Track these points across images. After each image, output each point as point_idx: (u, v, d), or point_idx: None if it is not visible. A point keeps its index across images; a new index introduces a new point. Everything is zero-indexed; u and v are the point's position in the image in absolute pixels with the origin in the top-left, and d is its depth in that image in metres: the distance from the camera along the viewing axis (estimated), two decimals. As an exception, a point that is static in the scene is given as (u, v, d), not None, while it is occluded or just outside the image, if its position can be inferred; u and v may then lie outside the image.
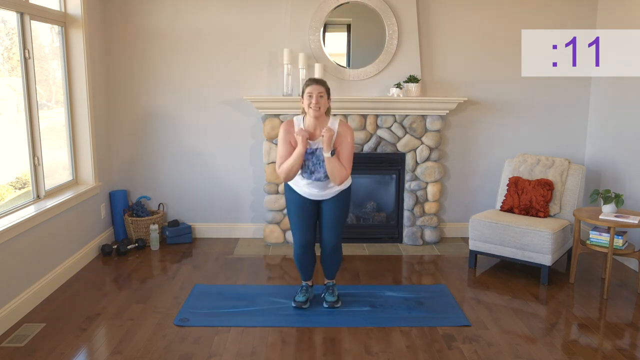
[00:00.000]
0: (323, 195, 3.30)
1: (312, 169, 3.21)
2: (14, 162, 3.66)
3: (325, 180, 3.23)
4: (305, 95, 3.18)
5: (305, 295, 3.49)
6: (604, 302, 3.60)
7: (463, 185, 4.95)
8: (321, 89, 3.17)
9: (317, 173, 3.21)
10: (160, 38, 4.62)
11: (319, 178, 3.22)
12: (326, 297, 3.49)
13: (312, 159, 3.21)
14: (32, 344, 2.95)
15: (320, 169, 3.20)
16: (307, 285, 3.55)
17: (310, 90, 3.16)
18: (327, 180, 3.23)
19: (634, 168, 4.22)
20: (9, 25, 3.51)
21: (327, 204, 3.34)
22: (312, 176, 3.23)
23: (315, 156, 3.21)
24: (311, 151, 3.21)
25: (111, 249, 4.43)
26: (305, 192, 3.31)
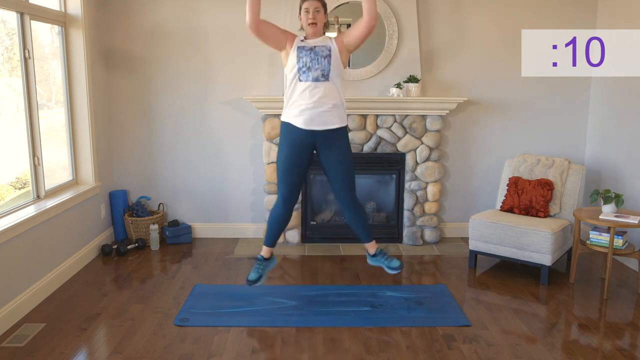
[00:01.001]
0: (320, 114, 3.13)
1: (309, 65, 3.11)
2: (14, 162, 3.66)
3: (322, 80, 3.11)
4: (302, 11, 3.16)
5: (259, 271, 3.39)
6: (604, 302, 3.60)
7: (463, 185, 4.95)
8: (317, 3, 3.14)
9: (314, 70, 3.11)
10: (160, 38, 4.62)
11: (316, 77, 3.11)
12: (389, 264, 3.37)
13: (310, 54, 3.13)
14: (32, 344, 2.95)
15: (318, 66, 3.11)
16: (263, 258, 3.44)
17: (307, 6, 3.13)
18: (325, 81, 3.12)
19: (634, 168, 4.22)
20: (9, 25, 3.51)
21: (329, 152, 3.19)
22: (310, 74, 3.11)
23: (314, 52, 3.13)
24: (310, 47, 3.15)
25: (111, 249, 4.43)
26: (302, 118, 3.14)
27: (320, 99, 3.12)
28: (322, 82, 3.12)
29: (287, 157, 3.24)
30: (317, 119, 3.15)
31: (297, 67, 3.15)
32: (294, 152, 3.22)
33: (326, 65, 3.12)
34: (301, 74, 3.14)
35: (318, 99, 3.12)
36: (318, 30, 3.17)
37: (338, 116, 3.20)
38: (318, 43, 3.17)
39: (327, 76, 3.13)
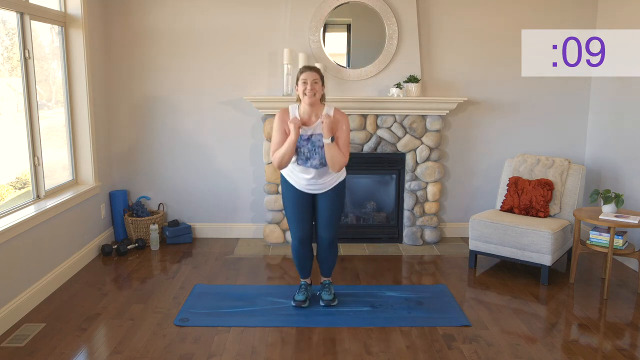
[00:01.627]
0: (319, 186, 3.30)
1: (308, 155, 3.21)
2: (14, 162, 3.66)
3: (320, 167, 3.22)
4: (300, 82, 3.20)
5: (305, 294, 3.50)
6: (604, 302, 3.60)
7: (463, 185, 4.95)
8: (315, 75, 3.19)
9: (312, 160, 3.21)
10: (160, 38, 4.62)
11: (315, 165, 3.21)
12: (322, 295, 3.50)
13: (308, 145, 3.20)
14: (32, 344, 2.95)
15: (315, 155, 3.20)
16: (306, 284, 3.57)
17: (305, 77, 3.18)
18: (322, 167, 3.23)
19: (634, 168, 4.22)
20: (9, 25, 3.51)
21: (322, 199, 3.34)
22: (308, 162, 3.21)
23: (311, 142, 3.20)
24: (306, 137, 3.20)
25: (111, 249, 4.43)
26: (301, 184, 3.31)
27: (318, 179, 3.29)
28: (320, 168, 3.24)
29: (293, 205, 3.37)
30: (316, 186, 3.31)
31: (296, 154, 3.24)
32: (299, 201, 3.36)
33: (323, 155, 3.21)
34: (299, 161, 3.25)
35: (316, 180, 3.28)
36: (315, 101, 3.21)
37: (334, 182, 3.34)
38: (314, 130, 3.22)
39: (324, 163, 3.23)
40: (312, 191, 3.33)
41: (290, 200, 3.37)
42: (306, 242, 3.42)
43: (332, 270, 3.59)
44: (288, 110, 3.29)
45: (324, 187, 3.32)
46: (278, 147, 3.21)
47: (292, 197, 3.36)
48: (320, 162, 3.21)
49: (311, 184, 3.30)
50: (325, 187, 3.32)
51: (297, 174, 3.30)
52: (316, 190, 3.33)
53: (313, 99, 3.18)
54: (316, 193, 3.35)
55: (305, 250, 3.45)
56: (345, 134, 3.23)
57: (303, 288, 3.53)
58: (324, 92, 3.28)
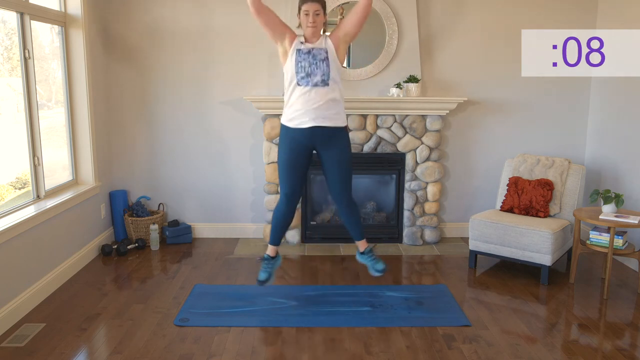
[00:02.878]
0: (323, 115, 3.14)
1: (309, 71, 3.12)
2: (14, 162, 3.66)
3: (322, 85, 3.12)
4: (302, 13, 3.15)
5: (268, 271, 3.41)
6: (604, 302, 3.60)
7: (463, 185, 4.95)
8: (317, 6, 3.12)
9: (313, 76, 3.12)
10: (160, 38, 4.62)
11: (317, 82, 3.12)
12: (376, 266, 3.38)
13: (309, 58, 3.12)
14: (32, 344, 2.95)
15: (317, 70, 3.11)
16: (269, 257, 3.47)
17: (307, 8, 3.11)
18: (324, 87, 3.13)
19: (634, 168, 4.22)
20: (9, 25, 3.51)
21: (328, 151, 3.23)
22: (309, 80, 3.12)
23: (312, 55, 3.12)
24: (307, 51, 3.14)
25: (111, 249, 4.43)
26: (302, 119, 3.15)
27: (319, 102, 3.15)
28: (322, 87, 3.14)
29: (287, 158, 3.27)
30: (317, 119, 3.17)
31: (295, 72, 3.16)
32: (294, 153, 3.26)
33: (325, 68, 3.13)
34: (299, 80, 3.15)
35: (317, 102, 3.14)
36: (317, 32, 3.18)
37: (337, 116, 3.22)
38: (315, 45, 3.18)
39: (326, 81, 3.14)
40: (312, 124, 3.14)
41: (286, 153, 3.25)
42: (293, 200, 3.33)
43: (363, 231, 3.43)
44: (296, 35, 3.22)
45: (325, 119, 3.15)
46: None
47: (288, 150, 3.24)
48: (322, 79, 3.11)
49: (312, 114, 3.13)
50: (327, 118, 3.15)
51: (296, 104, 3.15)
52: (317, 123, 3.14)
53: (315, 30, 3.13)
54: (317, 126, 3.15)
55: (289, 209, 3.36)
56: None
57: (266, 263, 3.42)
58: (326, 20, 3.22)
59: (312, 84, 3.13)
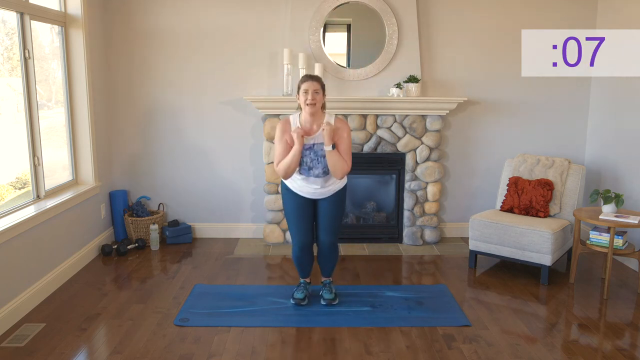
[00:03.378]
0: (321, 193, 3.33)
1: (310, 165, 3.25)
2: (14, 162, 3.66)
3: (323, 176, 3.26)
4: (301, 92, 3.23)
5: (304, 292, 3.52)
6: (604, 302, 3.60)
7: (463, 185, 4.95)
8: (316, 85, 3.21)
9: (315, 169, 3.25)
10: (160, 38, 4.62)
11: (318, 174, 3.25)
12: (324, 294, 3.53)
13: (310, 154, 3.24)
14: (32, 344, 2.95)
15: (318, 165, 3.24)
16: (305, 283, 3.60)
17: (306, 87, 3.20)
18: (325, 176, 3.27)
19: (634, 168, 4.22)
20: (9, 25, 3.51)
21: (323, 204, 3.37)
22: (310, 172, 3.26)
23: (313, 151, 3.24)
24: (308, 147, 3.24)
25: (111, 249, 4.43)
26: (303, 191, 3.34)
27: (320, 184, 3.32)
28: (322, 177, 3.28)
29: (294, 211, 3.40)
30: (318, 193, 3.35)
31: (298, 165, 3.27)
32: (299, 207, 3.39)
33: (326, 164, 3.24)
34: (302, 170, 3.28)
35: (317, 185, 3.32)
36: (316, 110, 3.24)
37: (335, 188, 3.37)
38: (316, 139, 3.24)
39: (327, 172, 3.27)
40: (314, 197, 3.35)
41: (292, 206, 3.39)
42: (307, 248, 3.44)
43: (332, 271, 3.61)
44: (289, 120, 3.31)
45: (326, 193, 3.35)
46: (282, 157, 3.24)
47: (293, 203, 3.39)
48: (323, 171, 3.25)
49: (312, 192, 3.33)
50: (328, 193, 3.35)
51: (300, 182, 3.33)
52: (318, 196, 3.35)
53: (314, 109, 3.21)
54: (318, 199, 3.37)
55: (306, 255, 3.48)
56: (347, 142, 3.25)
57: (302, 286, 3.56)
58: (324, 101, 3.30)
59: (314, 175, 3.27)
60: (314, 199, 3.39)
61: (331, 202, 3.36)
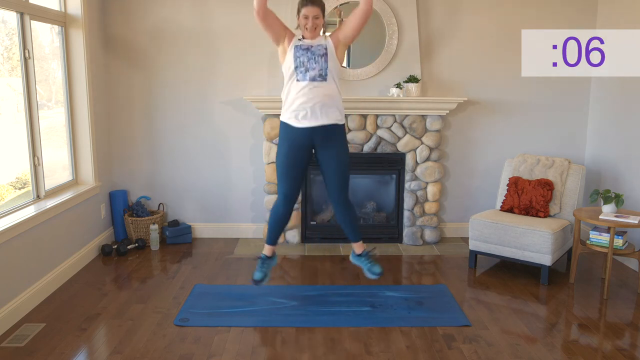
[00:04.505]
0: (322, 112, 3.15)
1: (307, 66, 3.14)
2: (14, 162, 3.66)
3: (319, 80, 3.14)
4: (301, 16, 3.17)
5: (263, 270, 3.43)
6: (604, 302, 3.60)
7: (463, 185, 4.95)
8: (316, 10, 3.15)
9: (311, 70, 3.14)
10: (160, 38, 4.62)
11: (314, 77, 3.14)
12: (373, 269, 3.40)
13: (307, 54, 3.15)
14: (32, 344, 2.95)
15: (315, 65, 3.13)
16: (265, 257, 3.48)
17: (306, 12, 3.15)
18: (323, 81, 3.14)
19: (634, 168, 4.22)
20: (9, 25, 3.51)
21: (326, 152, 3.24)
22: (307, 74, 3.14)
23: (310, 51, 3.15)
24: (306, 47, 3.16)
25: (111, 249, 4.43)
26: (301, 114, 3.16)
27: (317, 97, 3.15)
28: (320, 82, 3.16)
29: (286, 157, 3.28)
30: (315, 116, 3.18)
31: (294, 67, 3.18)
32: (293, 152, 3.26)
33: (323, 63, 3.16)
34: (298, 74, 3.17)
35: (316, 98, 3.15)
36: (317, 34, 3.22)
37: (335, 113, 3.24)
38: (314, 42, 3.21)
39: (324, 76, 3.16)
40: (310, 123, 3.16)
41: (285, 151, 3.26)
42: (290, 201, 3.34)
43: (360, 233, 3.46)
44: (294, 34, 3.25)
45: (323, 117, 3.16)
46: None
47: (287, 148, 3.25)
48: (319, 73, 3.13)
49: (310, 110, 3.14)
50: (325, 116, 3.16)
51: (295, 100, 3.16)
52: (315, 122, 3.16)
53: (314, 33, 3.16)
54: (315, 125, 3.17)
55: (287, 210, 3.37)
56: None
57: (263, 263, 3.44)
58: (324, 23, 3.24)
59: (310, 78, 3.14)
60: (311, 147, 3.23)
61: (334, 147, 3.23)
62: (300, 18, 3.19)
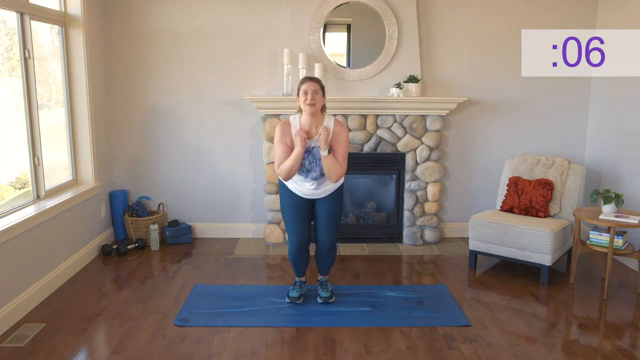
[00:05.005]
0: (318, 193, 3.34)
1: (309, 168, 3.26)
2: (14, 162, 3.66)
3: (320, 178, 3.28)
4: (301, 93, 3.24)
5: (299, 290, 3.54)
6: (604, 302, 3.60)
7: (463, 185, 4.95)
8: (315, 86, 3.23)
9: (313, 172, 3.26)
10: (160, 38, 4.62)
11: (315, 177, 3.27)
12: (320, 292, 3.54)
13: (309, 157, 3.25)
14: (32, 344, 2.95)
15: (316, 167, 3.25)
16: (301, 281, 3.61)
17: (305, 88, 3.22)
18: (322, 177, 3.28)
19: (634, 168, 4.22)
20: (9, 25, 3.51)
21: (321, 204, 3.38)
22: (309, 175, 3.27)
23: (312, 155, 3.25)
24: (307, 150, 3.25)
25: (111, 249, 4.43)
26: (300, 191, 3.35)
27: (317, 189, 3.33)
28: (321, 179, 3.29)
29: (291, 211, 3.41)
30: (315, 194, 3.37)
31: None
32: (296, 206, 3.40)
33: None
34: (300, 172, 3.28)
35: (315, 189, 3.33)
36: (316, 110, 3.24)
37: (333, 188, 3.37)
38: (315, 142, 3.24)
39: (324, 175, 3.27)
40: (311, 197, 3.36)
41: (289, 205, 3.40)
42: (304, 247, 3.45)
43: (329, 270, 3.62)
44: (289, 121, 3.31)
45: (323, 194, 3.36)
46: (282, 160, 3.24)
47: (290, 202, 3.40)
48: (320, 174, 3.26)
49: (311, 191, 3.33)
50: (325, 193, 3.36)
51: (297, 182, 3.34)
52: (315, 196, 3.36)
53: (314, 109, 3.22)
54: (315, 198, 3.38)
55: (303, 254, 3.48)
56: (344, 145, 3.27)
57: (298, 285, 3.58)
58: (324, 103, 3.31)
59: (311, 178, 3.28)
60: (311, 199, 3.39)
61: (328, 201, 3.38)
62: (300, 95, 3.24)
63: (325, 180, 3.31)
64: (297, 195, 3.37)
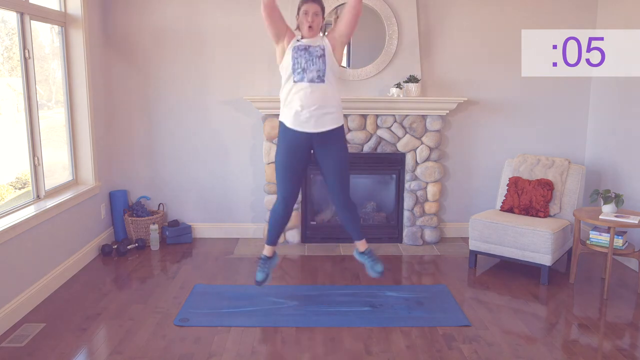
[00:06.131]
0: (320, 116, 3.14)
1: (305, 67, 3.12)
2: (14, 162, 3.66)
3: (317, 81, 3.12)
4: (301, 13, 3.17)
5: (265, 270, 3.44)
6: (604, 302, 3.60)
7: (463, 185, 4.95)
8: (317, 7, 3.16)
9: (309, 71, 3.12)
10: (160, 38, 4.62)
11: (312, 79, 3.12)
12: (375, 267, 3.40)
13: (305, 54, 3.14)
14: (32, 344, 2.95)
15: (312, 66, 3.12)
16: (266, 257, 3.48)
17: (306, 9, 3.15)
18: (321, 83, 3.12)
19: (634, 168, 4.22)
20: (9, 25, 3.51)
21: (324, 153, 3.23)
22: (305, 76, 3.12)
23: (308, 52, 3.14)
24: (303, 47, 3.15)
25: (111, 249, 4.43)
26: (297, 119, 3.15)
27: (315, 101, 3.13)
28: (318, 84, 3.14)
29: (284, 159, 3.28)
30: (312, 122, 3.16)
31: (291, 68, 3.17)
32: (292, 153, 3.26)
33: (321, 65, 3.14)
34: (296, 75, 3.16)
35: (313, 101, 3.13)
36: (315, 33, 3.20)
37: (333, 118, 3.22)
38: (312, 43, 3.19)
39: (322, 77, 3.15)
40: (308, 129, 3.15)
41: (284, 153, 3.25)
42: (290, 204, 3.35)
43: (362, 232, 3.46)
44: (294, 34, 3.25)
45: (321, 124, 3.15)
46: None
47: (286, 150, 3.24)
48: (317, 74, 3.12)
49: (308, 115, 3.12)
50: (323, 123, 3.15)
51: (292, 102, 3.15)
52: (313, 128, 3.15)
53: (312, 32, 3.16)
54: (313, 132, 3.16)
55: (286, 212, 3.37)
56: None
57: (264, 263, 3.45)
58: (324, 23, 3.24)
59: (307, 80, 3.12)
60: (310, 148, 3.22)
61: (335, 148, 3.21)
62: (300, 15, 3.19)
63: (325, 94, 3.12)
64: (294, 138, 3.19)
